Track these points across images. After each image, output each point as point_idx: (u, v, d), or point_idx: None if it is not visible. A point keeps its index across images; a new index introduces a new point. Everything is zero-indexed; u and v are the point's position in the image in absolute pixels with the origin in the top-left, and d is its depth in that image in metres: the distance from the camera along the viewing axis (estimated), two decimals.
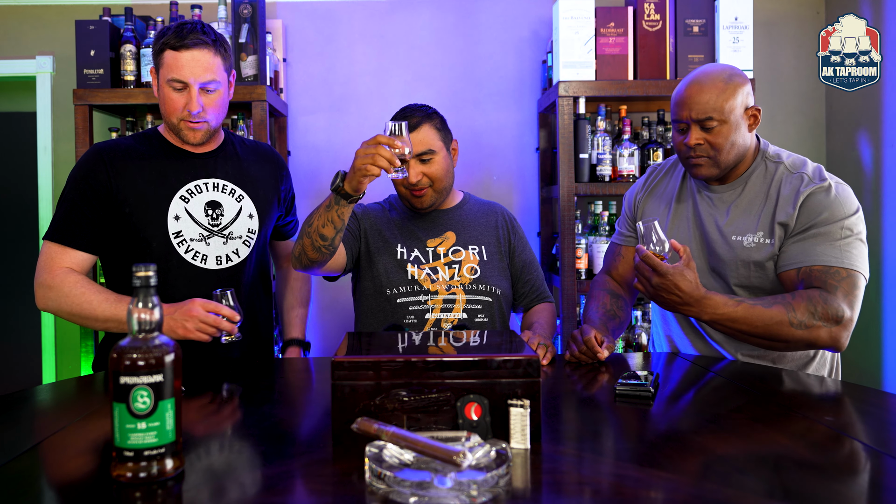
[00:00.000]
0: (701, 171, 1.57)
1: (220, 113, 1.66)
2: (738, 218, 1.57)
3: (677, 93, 1.57)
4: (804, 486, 0.87)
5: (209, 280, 1.66)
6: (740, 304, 1.41)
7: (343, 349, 1.08)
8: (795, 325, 1.39)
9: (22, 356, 3.75)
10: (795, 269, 1.48)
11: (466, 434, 0.89)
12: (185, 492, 0.85)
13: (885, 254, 2.49)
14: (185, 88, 1.58)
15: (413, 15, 2.80)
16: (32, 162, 2.79)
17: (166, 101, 1.61)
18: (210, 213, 1.67)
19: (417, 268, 1.73)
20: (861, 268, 1.46)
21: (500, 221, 1.87)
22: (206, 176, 1.69)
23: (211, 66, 1.59)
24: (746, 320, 1.41)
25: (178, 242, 1.63)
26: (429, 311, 1.71)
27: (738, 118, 1.52)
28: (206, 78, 1.58)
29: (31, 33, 2.76)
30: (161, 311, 0.88)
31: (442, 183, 1.74)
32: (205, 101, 1.60)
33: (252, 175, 1.76)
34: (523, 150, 2.82)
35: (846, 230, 1.46)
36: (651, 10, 2.45)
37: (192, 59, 1.57)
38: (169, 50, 1.57)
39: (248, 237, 1.72)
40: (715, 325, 1.43)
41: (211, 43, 1.59)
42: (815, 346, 1.43)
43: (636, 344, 2.54)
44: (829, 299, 1.40)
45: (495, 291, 1.76)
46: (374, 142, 1.39)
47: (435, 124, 1.73)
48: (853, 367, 2.58)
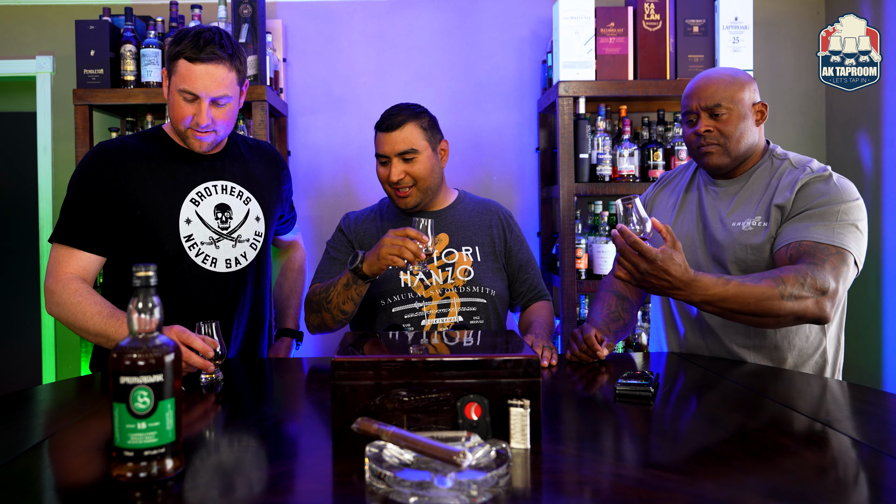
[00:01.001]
0: (712, 160, 1.58)
1: (229, 124, 1.63)
2: (739, 207, 1.60)
3: (687, 88, 1.62)
4: (804, 486, 0.87)
5: (219, 283, 1.66)
6: (730, 283, 1.38)
7: (343, 349, 1.08)
8: (786, 297, 1.37)
9: (22, 356, 3.75)
10: (786, 245, 1.48)
11: (466, 434, 0.90)
12: (185, 492, 0.85)
13: (885, 254, 2.49)
14: (196, 100, 1.55)
15: (413, 15, 2.80)
16: (32, 162, 2.79)
17: (175, 108, 1.58)
18: (220, 216, 1.66)
19: (409, 275, 1.73)
20: (852, 249, 1.45)
21: (494, 220, 1.86)
22: (215, 178, 1.68)
23: (224, 81, 1.55)
24: (737, 298, 1.37)
25: (190, 246, 1.62)
26: (424, 318, 1.70)
27: (746, 109, 1.56)
28: (219, 93, 1.55)
29: (31, 33, 2.76)
30: (161, 311, 0.88)
31: (426, 182, 1.74)
32: (214, 114, 1.57)
33: (257, 176, 1.75)
34: (523, 150, 2.82)
35: (842, 214, 1.46)
36: (651, 10, 2.45)
37: (207, 73, 1.53)
38: (184, 60, 1.53)
39: (255, 240, 1.71)
40: (706, 306, 1.40)
41: (227, 58, 1.56)
42: (804, 317, 1.41)
43: (636, 344, 2.54)
44: (816, 271, 1.39)
45: (489, 293, 1.75)
46: (402, 234, 1.47)
47: (421, 124, 1.73)
48: (853, 367, 2.58)
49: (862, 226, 1.48)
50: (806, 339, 1.57)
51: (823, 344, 1.59)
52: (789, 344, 1.57)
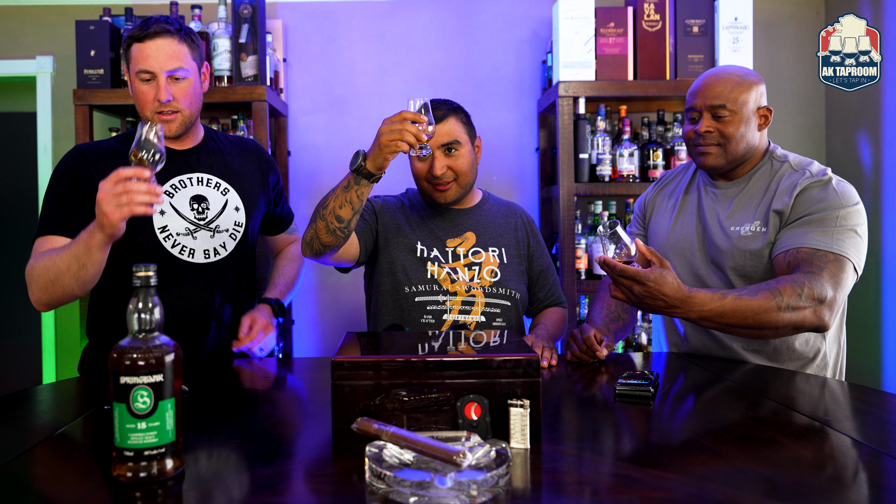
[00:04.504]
0: (709, 161, 1.58)
1: (193, 102, 1.64)
2: (738, 211, 1.59)
3: (693, 84, 1.61)
4: (804, 486, 0.87)
5: (197, 274, 1.66)
6: (726, 297, 1.36)
7: (343, 349, 1.08)
8: (783, 308, 1.35)
9: (22, 356, 3.75)
10: (784, 251, 1.47)
11: (466, 434, 0.90)
12: (185, 492, 0.85)
13: (885, 254, 2.49)
14: (154, 79, 1.57)
15: (413, 15, 2.80)
16: (32, 162, 2.79)
17: (137, 96, 1.60)
18: (195, 207, 1.67)
19: (438, 266, 1.70)
20: (851, 255, 1.44)
21: (519, 223, 1.84)
22: (190, 171, 1.69)
23: (177, 53, 1.58)
24: (734, 313, 1.36)
25: (165, 237, 1.63)
26: (447, 312, 1.68)
27: (750, 113, 1.55)
28: (173, 65, 1.57)
29: (31, 33, 2.76)
30: (161, 311, 0.88)
31: (466, 178, 1.71)
32: (174, 91, 1.59)
33: (235, 168, 1.76)
34: (523, 150, 2.82)
35: (840, 220, 1.45)
36: (651, 11, 2.46)
37: (157, 48, 1.56)
38: (135, 43, 1.58)
39: (235, 230, 1.71)
40: (704, 322, 1.39)
41: (175, 31, 1.59)
42: (802, 328, 1.40)
43: (636, 344, 2.55)
44: (813, 280, 1.38)
45: (514, 295, 1.73)
46: (399, 118, 1.36)
47: (461, 118, 1.71)
48: (853, 367, 2.58)
49: (861, 230, 1.47)
50: (806, 342, 1.57)
51: (823, 349, 1.58)
52: (789, 348, 1.56)
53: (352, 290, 2.77)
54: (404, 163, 1.91)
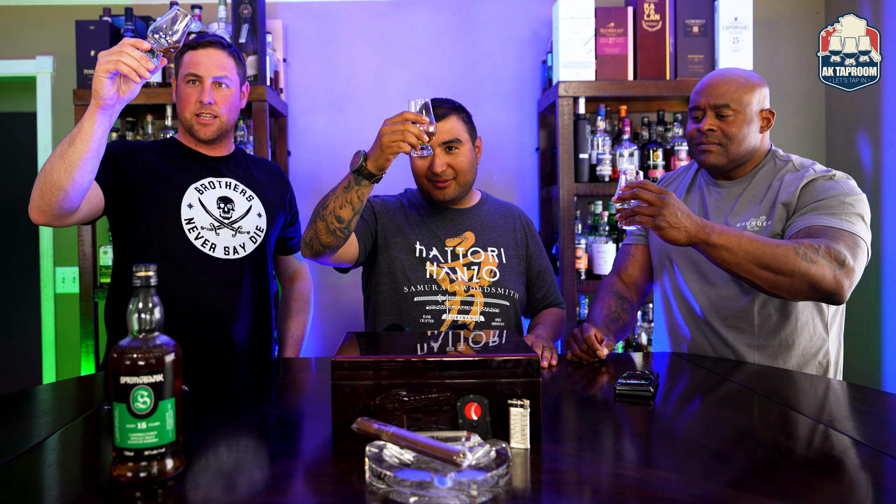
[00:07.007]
0: (710, 159, 1.60)
1: (231, 111, 1.75)
2: (743, 208, 1.61)
3: (698, 84, 1.64)
4: (804, 486, 0.87)
5: (216, 268, 1.72)
6: (744, 232, 1.40)
7: (343, 349, 1.08)
8: (801, 255, 1.36)
9: (22, 356, 3.75)
10: (796, 232, 1.47)
11: (466, 434, 0.90)
12: (185, 492, 0.85)
13: (885, 254, 2.49)
14: (199, 82, 1.69)
15: (413, 15, 2.80)
16: (32, 162, 2.79)
17: (181, 97, 1.72)
18: (222, 206, 1.75)
19: (437, 266, 1.71)
20: (863, 235, 1.45)
21: (518, 224, 1.85)
22: (220, 175, 1.79)
23: (225, 64, 1.72)
24: (753, 243, 1.37)
25: (189, 228, 1.71)
26: (446, 312, 1.68)
27: (753, 114, 1.58)
28: (219, 73, 1.70)
29: (31, 33, 2.76)
30: (161, 311, 0.88)
31: (466, 176, 1.72)
32: (216, 96, 1.70)
33: (260, 180, 1.85)
34: (523, 150, 2.82)
35: (847, 205, 1.47)
36: (651, 11, 2.46)
37: (207, 55, 1.70)
38: (188, 51, 1.71)
39: (256, 234, 1.79)
40: (723, 251, 1.38)
41: (226, 47, 1.74)
42: (819, 286, 1.37)
43: (636, 344, 2.54)
44: (831, 244, 1.39)
45: (513, 296, 1.73)
46: (401, 118, 1.36)
47: (462, 117, 1.73)
48: (853, 367, 2.58)
49: (867, 220, 1.49)
50: (810, 338, 1.57)
51: (827, 344, 1.59)
52: (794, 342, 1.57)
53: (351, 290, 2.77)
54: (404, 163, 1.92)
